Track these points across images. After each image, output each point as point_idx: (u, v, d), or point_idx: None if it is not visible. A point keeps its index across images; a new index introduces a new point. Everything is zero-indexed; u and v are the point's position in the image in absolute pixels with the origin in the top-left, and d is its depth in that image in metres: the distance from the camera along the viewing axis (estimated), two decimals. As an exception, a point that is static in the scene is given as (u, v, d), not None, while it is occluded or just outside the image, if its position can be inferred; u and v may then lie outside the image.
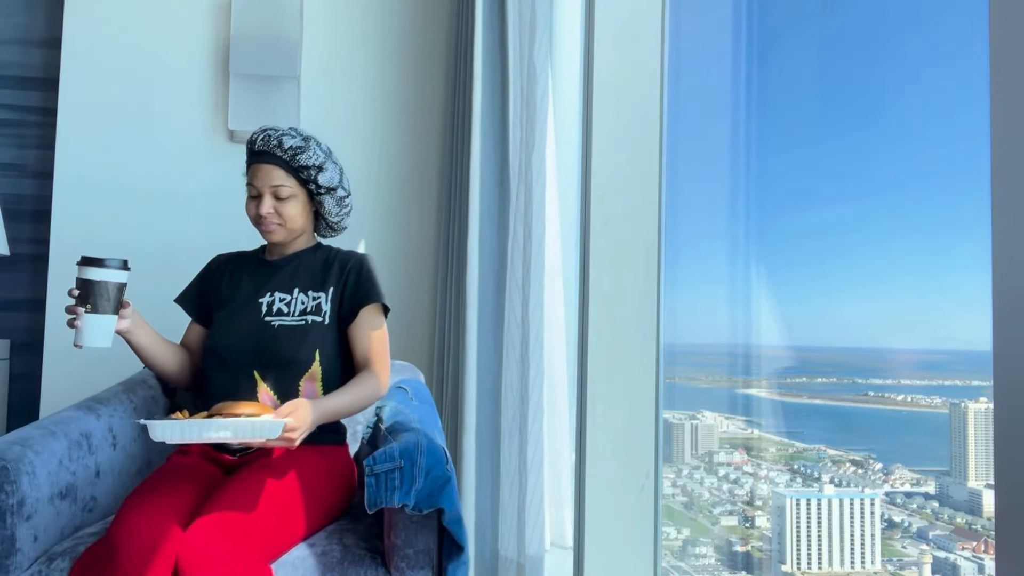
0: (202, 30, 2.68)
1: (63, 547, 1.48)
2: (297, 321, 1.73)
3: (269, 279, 1.80)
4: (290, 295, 1.76)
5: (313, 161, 1.73)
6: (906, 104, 1.48)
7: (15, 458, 1.42)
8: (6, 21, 2.66)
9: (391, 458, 1.48)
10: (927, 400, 1.52)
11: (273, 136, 1.72)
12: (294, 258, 1.83)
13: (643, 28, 1.81)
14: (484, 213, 2.26)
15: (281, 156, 1.71)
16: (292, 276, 1.80)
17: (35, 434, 1.51)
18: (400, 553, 1.47)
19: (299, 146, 1.72)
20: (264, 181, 1.71)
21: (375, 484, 1.45)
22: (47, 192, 2.64)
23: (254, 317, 1.74)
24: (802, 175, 1.74)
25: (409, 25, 2.82)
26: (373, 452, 1.51)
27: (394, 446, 1.51)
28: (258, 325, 1.73)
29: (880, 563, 1.54)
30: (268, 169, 1.71)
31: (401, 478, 1.46)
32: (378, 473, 1.46)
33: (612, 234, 1.78)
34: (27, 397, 2.59)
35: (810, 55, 1.72)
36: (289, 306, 1.75)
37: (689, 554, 1.92)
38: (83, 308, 1.51)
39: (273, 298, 1.76)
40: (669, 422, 1.96)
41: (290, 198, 1.73)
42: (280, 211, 1.73)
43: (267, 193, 1.72)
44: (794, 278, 1.75)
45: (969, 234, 1.28)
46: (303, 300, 1.76)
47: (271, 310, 1.75)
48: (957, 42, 1.36)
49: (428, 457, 1.50)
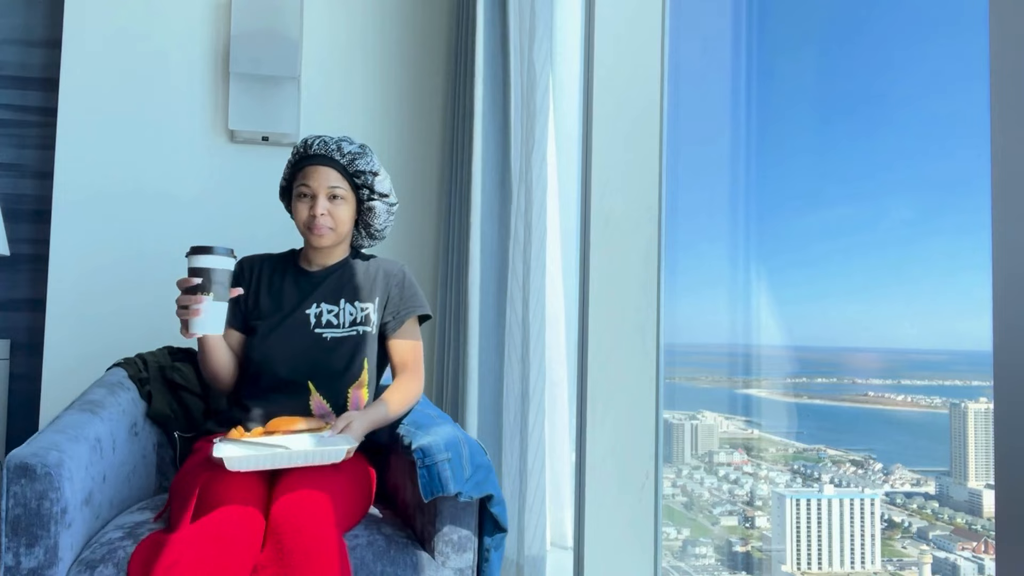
0: (202, 30, 2.68)
1: (94, 555, 1.42)
2: (348, 332, 1.77)
3: (313, 290, 1.80)
4: (337, 306, 1.79)
5: (371, 167, 1.77)
6: (906, 106, 1.48)
7: (56, 463, 1.36)
8: (6, 21, 2.67)
9: (439, 450, 1.56)
10: (927, 400, 1.52)
11: (331, 141, 1.76)
12: (336, 269, 1.84)
13: (643, 28, 1.81)
14: (485, 213, 2.26)
15: (339, 160, 1.75)
16: (337, 287, 1.81)
17: (61, 439, 1.45)
18: (445, 539, 1.57)
19: (357, 152, 1.76)
20: (320, 182, 1.73)
21: (428, 476, 1.53)
22: (47, 192, 2.64)
23: (304, 330, 1.76)
24: (802, 176, 1.74)
25: (409, 25, 2.82)
26: (417, 446, 1.57)
27: (438, 440, 1.59)
28: (310, 338, 1.75)
29: (880, 563, 1.54)
30: (325, 171, 1.73)
31: (452, 468, 1.54)
32: (429, 465, 1.54)
33: (612, 234, 1.78)
34: (27, 397, 2.59)
35: (811, 57, 1.72)
36: (338, 317, 1.78)
37: (689, 554, 1.92)
38: (207, 296, 1.50)
39: (320, 309, 1.78)
40: (669, 422, 1.96)
41: (344, 201, 1.75)
42: (333, 214, 1.74)
43: (322, 194, 1.73)
44: (794, 278, 1.75)
45: (968, 235, 1.28)
46: (351, 311, 1.79)
47: (320, 322, 1.77)
48: (958, 42, 1.36)
49: (470, 447, 1.61)
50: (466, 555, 1.58)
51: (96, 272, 2.57)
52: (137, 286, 2.59)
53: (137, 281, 2.59)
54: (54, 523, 1.35)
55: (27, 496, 1.35)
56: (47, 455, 1.37)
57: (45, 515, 1.35)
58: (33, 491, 1.35)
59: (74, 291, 2.56)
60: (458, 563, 1.58)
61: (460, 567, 1.57)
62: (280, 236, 2.65)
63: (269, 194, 2.69)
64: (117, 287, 2.58)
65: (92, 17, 2.62)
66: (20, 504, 1.35)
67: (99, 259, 2.58)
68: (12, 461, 1.35)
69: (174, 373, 1.99)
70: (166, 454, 1.91)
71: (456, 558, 1.57)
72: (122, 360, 1.99)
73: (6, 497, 1.35)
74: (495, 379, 2.22)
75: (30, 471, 1.35)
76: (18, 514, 1.35)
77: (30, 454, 1.36)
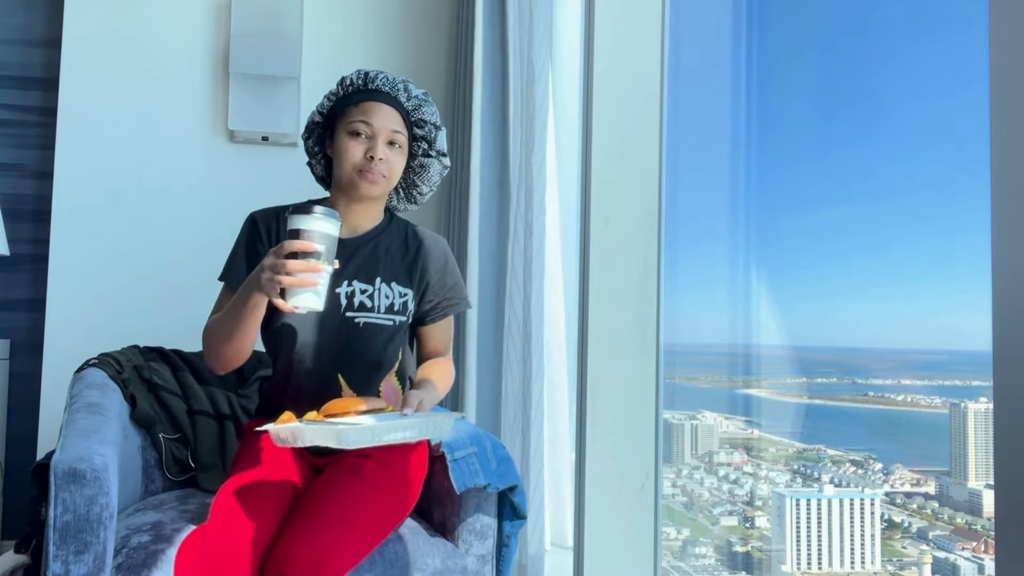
0: (202, 30, 2.68)
1: (133, 559, 1.40)
2: (384, 320, 1.55)
3: (345, 263, 1.54)
4: (371, 286, 1.55)
5: (435, 119, 1.57)
6: (907, 107, 1.49)
7: (102, 467, 1.33)
8: (6, 21, 2.67)
9: (464, 445, 1.61)
10: (927, 400, 1.52)
11: (396, 80, 1.54)
12: (371, 237, 1.59)
13: (643, 28, 1.81)
14: (484, 213, 2.26)
15: (404, 103, 1.54)
16: (371, 261, 1.57)
17: (94, 443, 1.42)
18: (469, 527, 1.65)
19: (423, 99, 1.56)
20: (383, 122, 1.49)
21: (459, 469, 1.57)
22: (47, 192, 2.64)
23: (335, 312, 1.53)
24: (802, 176, 1.74)
25: (409, 25, 2.82)
26: (444, 442, 1.62)
27: (461, 435, 1.64)
28: (341, 321, 1.53)
29: (880, 563, 1.54)
30: (389, 111, 1.51)
31: (479, 461, 1.60)
32: (459, 459, 1.58)
33: (612, 234, 1.78)
34: (27, 397, 2.59)
35: (811, 57, 1.72)
36: (372, 299, 1.55)
37: (689, 554, 1.93)
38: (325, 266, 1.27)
39: (352, 288, 1.54)
40: (669, 422, 1.96)
41: (401, 151, 1.53)
42: (389, 161, 1.51)
43: (383, 136, 1.50)
44: (794, 278, 1.75)
45: (968, 235, 1.28)
46: (387, 294, 1.56)
47: (352, 304, 1.54)
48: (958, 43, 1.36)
49: (491, 441, 1.66)
50: (487, 542, 1.66)
51: (96, 272, 2.57)
52: (137, 286, 2.59)
53: (137, 281, 2.59)
54: (103, 528, 1.32)
55: (76, 502, 1.32)
56: (93, 459, 1.34)
57: (94, 520, 1.32)
58: (83, 496, 1.32)
59: (74, 291, 2.56)
60: (480, 550, 1.66)
61: (482, 553, 1.66)
62: (280, 236, 2.65)
63: (269, 194, 2.68)
64: (117, 287, 2.58)
65: (92, 17, 2.62)
66: (69, 510, 1.31)
67: (99, 259, 2.58)
68: (59, 467, 1.32)
69: (152, 374, 1.93)
70: (150, 456, 1.87)
71: (479, 545, 1.65)
72: (94, 360, 1.87)
73: (54, 504, 1.31)
74: (494, 379, 2.22)
75: (79, 476, 1.32)
76: (67, 521, 1.31)
77: (76, 459, 1.33)
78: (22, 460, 2.56)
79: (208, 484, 1.83)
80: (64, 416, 1.60)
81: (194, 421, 1.92)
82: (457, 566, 1.62)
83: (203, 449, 1.89)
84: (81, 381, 1.75)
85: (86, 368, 1.84)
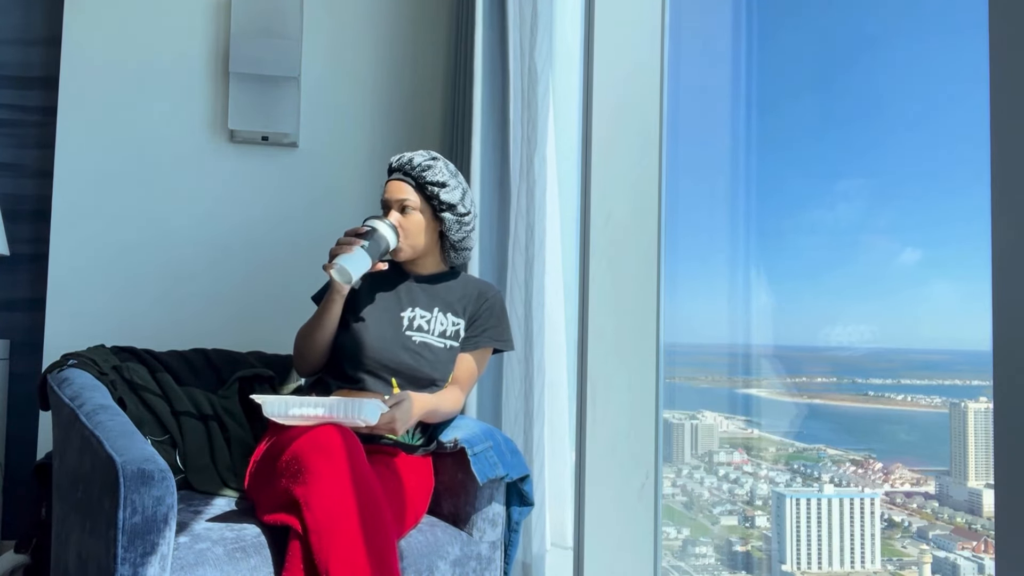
0: (202, 30, 2.68)
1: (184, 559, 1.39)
2: (438, 342, 1.83)
3: (409, 293, 1.88)
4: (430, 313, 1.86)
5: (438, 178, 1.83)
6: (907, 107, 1.49)
7: (165, 467, 1.32)
8: (6, 21, 2.66)
9: (480, 440, 1.74)
10: (927, 400, 1.52)
11: (409, 158, 1.87)
12: (435, 279, 1.91)
13: (643, 28, 1.81)
14: (485, 213, 2.26)
15: (410, 172, 1.84)
16: (432, 295, 1.89)
17: (138, 443, 1.40)
18: (483, 516, 1.77)
19: (427, 164, 1.84)
20: (393, 195, 1.84)
21: (479, 462, 1.70)
22: (47, 192, 2.64)
23: (396, 329, 1.82)
24: (802, 176, 1.74)
25: (409, 25, 2.82)
26: (460, 438, 1.74)
27: (474, 431, 1.77)
28: (400, 338, 1.81)
29: (880, 563, 1.54)
30: (399, 184, 1.85)
31: (496, 454, 1.74)
32: (477, 453, 1.71)
33: (612, 234, 1.78)
34: (27, 397, 2.59)
35: (812, 56, 1.72)
36: (429, 324, 1.85)
37: (689, 554, 1.93)
38: (364, 243, 1.69)
39: (414, 313, 1.85)
40: (669, 422, 1.96)
41: (413, 212, 1.83)
42: (403, 225, 1.82)
43: (394, 207, 1.84)
44: (794, 278, 1.75)
45: (968, 235, 1.28)
46: (442, 321, 1.86)
47: (411, 325, 1.84)
48: (958, 44, 1.36)
49: (501, 435, 1.81)
50: (498, 529, 1.80)
51: (96, 272, 2.57)
52: (137, 286, 2.59)
53: (137, 281, 2.59)
54: (168, 529, 1.31)
55: (146, 503, 1.30)
56: (156, 459, 1.33)
57: (161, 521, 1.30)
58: (151, 497, 1.30)
59: (74, 291, 2.56)
60: (492, 536, 1.79)
61: (493, 540, 1.79)
62: (280, 235, 2.65)
63: (269, 194, 2.69)
64: (117, 287, 2.58)
65: (92, 16, 2.62)
66: (138, 512, 1.29)
67: (99, 259, 2.58)
68: (128, 468, 1.30)
69: (132, 374, 1.89)
70: None
71: (491, 532, 1.79)
72: (71, 361, 1.81)
73: (123, 507, 1.29)
74: (494, 379, 2.22)
75: (148, 477, 1.30)
76: (135, 522, 1.29)
77: (143, 460, 1.32)
78: (22, 460, 2.56)
79: (202, 485, 1.77)
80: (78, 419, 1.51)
81: (180, 422, 1.88)
82: (473, 552, 1.75)
83: (192, 450, 1.84)
84: (70, 383, 1.70)
85: (65, 368, 1.78)
